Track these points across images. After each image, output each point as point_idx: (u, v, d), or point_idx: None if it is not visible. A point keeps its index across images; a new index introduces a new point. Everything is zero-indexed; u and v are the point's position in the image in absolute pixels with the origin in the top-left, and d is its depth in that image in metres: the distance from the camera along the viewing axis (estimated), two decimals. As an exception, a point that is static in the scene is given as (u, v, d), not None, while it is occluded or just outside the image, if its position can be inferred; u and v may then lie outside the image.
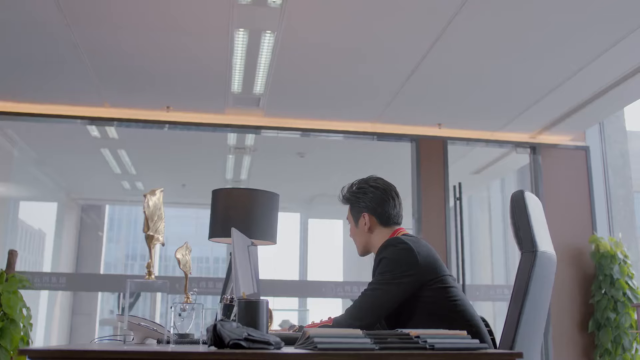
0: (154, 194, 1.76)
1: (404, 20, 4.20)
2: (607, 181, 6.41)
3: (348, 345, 1.43)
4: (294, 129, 6.04)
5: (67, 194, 8.55)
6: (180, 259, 1.96)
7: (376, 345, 1.45)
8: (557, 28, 4.28)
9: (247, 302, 1.84)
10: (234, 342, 1.42)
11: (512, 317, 2.13)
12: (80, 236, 8.62)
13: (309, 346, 1.45)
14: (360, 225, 2.45)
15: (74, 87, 5.25)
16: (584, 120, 5.93)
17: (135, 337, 2.04)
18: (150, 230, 1.74)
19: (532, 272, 2.15)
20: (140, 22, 4.22)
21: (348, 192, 2.49)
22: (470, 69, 4.91)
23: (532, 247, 2.18)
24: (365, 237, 2.45)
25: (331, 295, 6.21)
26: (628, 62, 4.76)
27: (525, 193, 2.29)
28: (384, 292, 2.21)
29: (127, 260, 11.33)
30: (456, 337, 1.56)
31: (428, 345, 1.48)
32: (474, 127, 6.17)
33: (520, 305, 2.14)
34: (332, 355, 1.40)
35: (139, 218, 11.02)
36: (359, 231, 2.46)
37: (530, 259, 2.17)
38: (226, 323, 1.50)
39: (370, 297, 2.22)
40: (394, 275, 2.21)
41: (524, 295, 2.14)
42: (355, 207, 2.46)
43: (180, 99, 5.54)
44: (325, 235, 9.23)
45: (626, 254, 5.80)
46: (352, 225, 2.48)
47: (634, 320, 5.60)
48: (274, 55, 4.68)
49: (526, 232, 2.20)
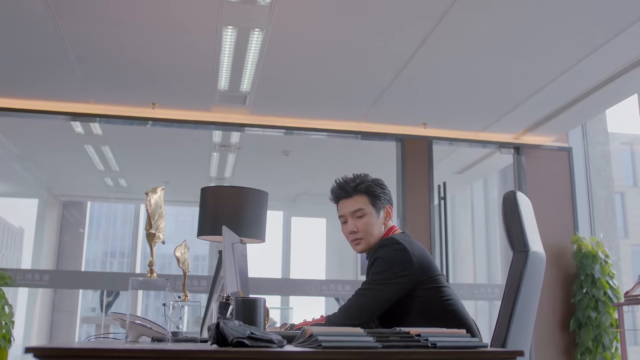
0: (155, 191, 1.75)
1: (392, 21, 4.22)
2: (589, 182, 6.49)
3: (352, 343, 1.44)
4: (280, 127, 6.04)
5: (48, 191, 8.46)
6: (179, 257, 1.96)
7: (379, 343, 1.46)
8: (542, 32, 4.34)
9: (245, 300, 1.84)
10: (237, 341, 1.42)
11: (504, 316, 2.16)
12: (61, 233, 8.53)
13: (312, 344, 1.46)
14: (380, 217, 2.43)
15: (59, 83, 5.20)
16: (567, 122, 6.01)
17: (129, 335, 2.04)
18: (152, 228, 1.73)
19: (524, 271, 2.18)
20: (128, 18, 4.19)
21: (372, 183, 2.44)
22: (456, 69, 4.95)
23: (524, 247, 2.21)
24: (380, 230, 2.42)
25: (316, 293, 6.22)
26: (610, 65, 4.84)
27: (517, 193, 2.32)
28: (378, 292, 2.22)
29: (105, 257, 11.24)
30: (456, 335, 1.58)
31: (430, 343, 1.50)
32: (459, 127, 6.22)
33: (512, 304, 2.17)
34: (337, 353, 1.40)
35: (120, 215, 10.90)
36: (378, 223, 2.42)
37: (522, 258, 2.20)
38: (229, 321, 1.50)
39: (364, 297, 2.23)
40: (388, 275, 2.22)
41: (515, 295, 2.17)
42: (378, 199, 2.43)
43: (166, 96, 5.51)
44: (308, 233, 9.24)
45: (607, 254, 5.88)
46: (371, 216, 2.41)
47: (614, 319, 5.68)
48: (261, 53, 4.67)
49: (518, 233, 2.23)
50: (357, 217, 2.41)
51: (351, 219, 2.42)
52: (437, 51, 4.61)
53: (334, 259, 8.64)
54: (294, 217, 9.23)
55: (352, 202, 2.43)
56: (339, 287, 6.19)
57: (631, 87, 5.29)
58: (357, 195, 2.43)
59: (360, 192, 2.42)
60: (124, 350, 1.27)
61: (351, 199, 2.43)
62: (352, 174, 2.49)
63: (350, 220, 2.43)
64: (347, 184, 2.45)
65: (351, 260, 8.08)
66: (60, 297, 8.32)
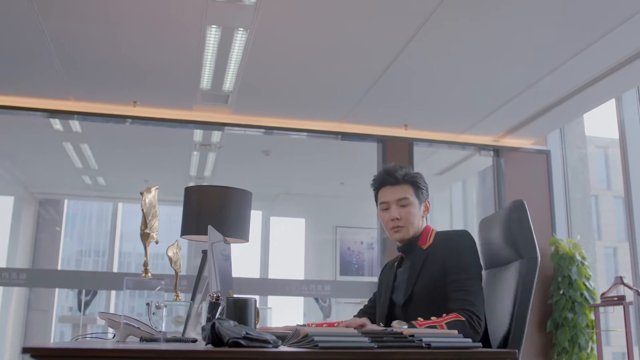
0: (150, 191, 1.75)
1: (377, 22, 4.25)
2: (567, 184, 6.59)
3: (348, 344, 1.45)
4: (261, 127, 6.04)
5: (25, 188, 8.34)
6: (171, 256, 1.95)
7: (374, 344, 1.47)
8: (522, 37, 4.41)
9: (236, 300, 1.84)
10: (233, 341, 1.43)
11: (521, 319, 2.20)
12: (37, 231, 8.42)
13: (308, 345, 1.46)
14: (421, 209, 2.47)
15: (39, 79, 5.14)
16: (545, 125, 6.09)
17: (117, 335, 2.03)
18: (147, 228, 1.73)
19: (535, 277, 2.26)
20: (112, 15, 4.16)
21: (417, 175, 2.50)
22: (438, 72, 5.00)
23: (535, 254, 2.29)
24: (421, 221, 2.47)
25: (295, 293, 6.22)
26: (589, 71, 4.93)
27: (524, 202, 2.36)
28: (479, 280, 2.29)
29: (82, 256, 11.12)
30: (448, 336, 1.60)
31: (424, 344, 1.51)
32: (440, 129, 6.27)
33: (526, 308, 2.23)
34: (333, 353, 1.41)
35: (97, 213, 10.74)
36: (420, 214, 2.47)
37: (534, 265, 2.26)
38: (224, 322, 1.51)
39: (479, 287, 2.26)
40: (475, 264, 2.31)
41: (528, 299, 2.23)
42: (422, 191, 2.48)
43: (148, 94, 5.48)
44: (287, 233, 9.23)
45: (584, 256, 5.97)
46: (413, 206, 2.45)
47: (590, 320, 5.77)
48: (245, 52, 4.67)
49: (529, 240, 2.30)
50: (401, 205, 2.44)
51: (395, 206, 2.44)
52: (420, 54, 4.65)
53: (312, 259, 8.65)
54: (273, 216, 9.21)
55: (399, 190, 2.46)
56: (319, 287, 6.20)
57: (609, 91, 5.38)
58: (404, 184, 2.46)
59: (407, 181, 2.46)
60: (125, 350, 1.27)
61: (398, 186, 2.46)
62: (395, 164, 2.54)
63: (394, 207, 2.44)
64: (395, 171, 2.48)
65: (330, 261, 8.10)
66: (35, 296, 8.21)
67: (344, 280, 7.67)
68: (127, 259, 11.27)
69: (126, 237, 9.35)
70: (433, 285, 2.27)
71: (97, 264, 10.59)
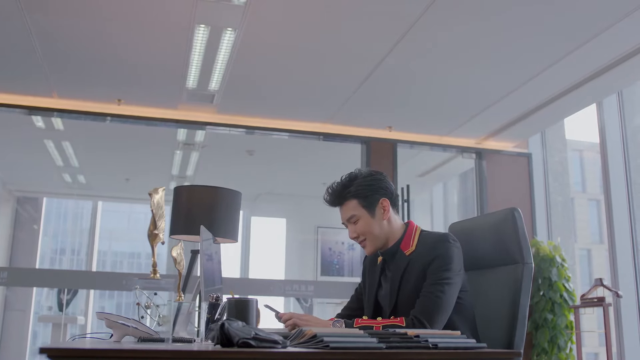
0: (157, 192, 1.75)
1: (364, 26, 4.28)
2: (547, 187, 6.68)
3: (358, 344, 1.47)
4: (246, 127, 6.03)
5: (2, 185, 8.23)
6: (176, 257, 1.95)
7: (383, 344, 1.49)
8: (506, 43, 4.50)
9: (238, 300, 1.85)
10: (243, 341, 1.43)
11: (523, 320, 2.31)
12: (15, 229, 8.31)
13: (318, 345, 1.48)
14: (377, 214, 2.34)
15: (22, 75, 5.09)
16: (527, 129, 6.18)
17: (114, 335, 2.02)
18: (155, 228, 1.73)
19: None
20: (99, 11, 4.13)
21: (358, 186, 2.36)
22: (423, 75, 5.05)
23: (530, 259, 2.33)
24: (383, 227, 2.35)
25: (278, 293, 6.23)
26: (570, 76, 5.02)
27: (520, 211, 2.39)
28: (454, 286, 2.20)
29: (60, 254, 10.99)
30: (454, 337, 1.62)
31: (431, 344, 1.54)
32: (423, 131, 6.33)
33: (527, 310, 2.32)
34: (344, 354, 1.43)
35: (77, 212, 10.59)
36: (376, 222, 2.34)
37: (529, 270, 2.30)
38: (233, 322, 1.51)
39: (444, 296, 2.16)
40: (454, 272, 2.21)
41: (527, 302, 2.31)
42: (368, 198, 2.34)
43: (133, 92, 5.44)
44: (268, 233, 9.22)
45: (564, 258, 6.06)
46: (365, 219, 2.34)
47: (569, 321, 5.86)
48: (232, 52, 4.67)
49: (526, 247, 2.33)
50: (352, 222, 2.37)
51: (349, 225, 2.39)
52: (405, 57, 4.70)
53: (293, 259, 8.65)
54: (254, 216, 9.20)
55: (344, 210, 2.39)
56: (302, 287, 6.22)
57: (590, 97, 5.48)
58: (347, 201, 2.37)
59: (348, 198, 2.37)
60: (138, 350, 1.27)
61: (343, 206, 2.39)
62: (340, 178, 2.43)
63: (349, 226, 2.39)
64: (334, 194, 2.40)
65: (311, 261, 8.11)
66: (13, 295, 8.10)
67: (326, 281, 7.69)
68: (103, 257, 11.17)
69: (103, 235, 9.28)
70: (417, 292, 2.22)
71: (77, 263, 10.43)
